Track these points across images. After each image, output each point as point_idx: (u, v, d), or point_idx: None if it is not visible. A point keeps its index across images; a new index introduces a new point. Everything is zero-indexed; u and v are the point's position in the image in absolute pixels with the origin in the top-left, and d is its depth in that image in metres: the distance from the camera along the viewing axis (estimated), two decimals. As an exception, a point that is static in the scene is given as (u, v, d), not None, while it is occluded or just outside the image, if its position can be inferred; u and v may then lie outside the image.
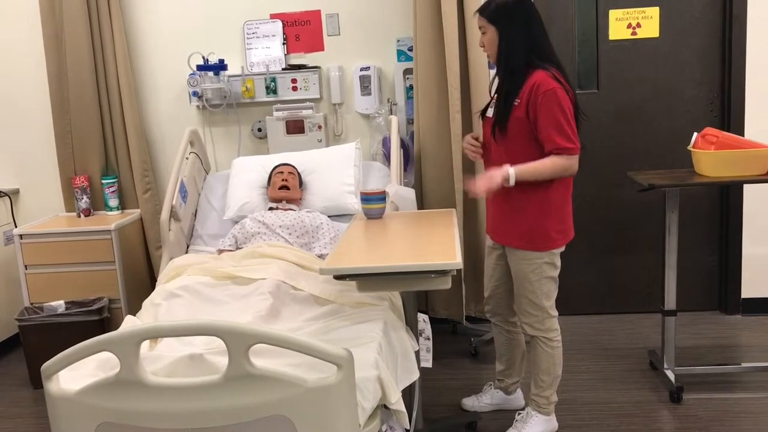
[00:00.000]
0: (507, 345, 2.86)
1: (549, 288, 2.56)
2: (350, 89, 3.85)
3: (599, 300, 4.02)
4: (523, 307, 2.60)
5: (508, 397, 2.93)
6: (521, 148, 2.44)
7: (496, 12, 2.43)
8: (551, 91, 2.34)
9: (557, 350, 2.62)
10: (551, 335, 2.60)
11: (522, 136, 2.43)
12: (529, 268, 2.53)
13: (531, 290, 2.55)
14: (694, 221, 3.89)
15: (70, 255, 3.55)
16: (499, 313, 2.81)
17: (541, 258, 2.52)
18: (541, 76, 2.37)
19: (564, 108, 2.35)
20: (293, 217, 3.12)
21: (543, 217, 2.48)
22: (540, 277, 2.54)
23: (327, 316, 2.39)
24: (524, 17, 2.43)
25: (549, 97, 2.34)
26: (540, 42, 2.45)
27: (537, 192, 2.45)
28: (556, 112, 2.34)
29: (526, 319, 2.60)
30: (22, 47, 3.93)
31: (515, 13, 2.42)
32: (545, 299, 2.56)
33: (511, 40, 2.42)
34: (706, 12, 3.71)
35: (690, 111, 3.79)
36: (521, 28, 2.42)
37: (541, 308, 2.57)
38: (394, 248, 2.26)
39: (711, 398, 2.96)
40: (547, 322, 2.59)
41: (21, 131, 4.03)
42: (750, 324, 3.77)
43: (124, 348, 1.61)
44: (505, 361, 2.88)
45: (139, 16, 3.89)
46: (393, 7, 3.77)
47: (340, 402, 1.65)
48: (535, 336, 2.60)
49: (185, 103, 3.92)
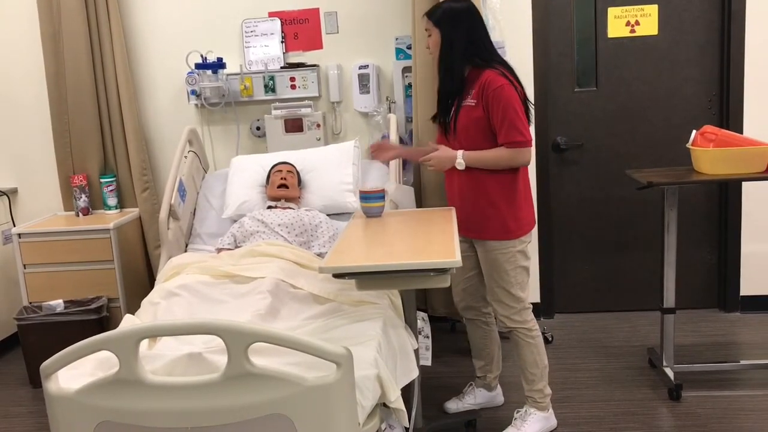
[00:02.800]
0: (484, 339, 2.92)
1: (523, 278, 2.66)
2: (349, 87, 3.84)
3: (598, 298, 4.02)
4: (500, 298, 2.66)
5: (491, 394, 2.98)
6: (484, 146, 2.56)
7: (442, 16, 2.58)
8: (500, 87, 2.48)
9: (538, 339, 2.69)
10: (529, 326, 2.67)
11: (484, 133, 2.56)
12: (503, 258, 2.61)
13: (507, 280, 2.62)
14: (693, 219, 3.89)
15: (69, 254, 3.54)
16: (473, 307, 2.87)
17: (514, 246, 2.62)
18: (489, 75, 2.52)
19: (513, 102, 2.48)
20: (292, 215, 3.12)
21: (513, 206, 2.61)
22: (515, 266, 2.62)
23: (326, 314, 2.38)
24: (467, 23, 2.57)
25: (498, 93, 2.48)
26: (481, 44, 2.59)
27: (505, 183, 2.58)
28: (506, 107, 2.48)
29: (503, 312, 2.66)
30: (20, 46, 3.93)
31: (459, 18, 2.56)
32: (520, 289, 2.65)
33: (452, 42, 2.56)
34: (705, 9, 3.71)
35: (689, 108, 3.80)
36: (463, 32, 2.56)
37: (517, 299, 2.64)
38: (393, 247, 2.26)
39: (710, 396, 2.96)
40: (524, 313, 2.66)
41: (19, 130, 4.03)
42: (749, 321, 3.78)
43: (123, 347, 1.61)
44: (485, 356, 2.93)
45: (137, 15, 3.89)
46: (391, 6, 3.77)
47: (340, 400, 1.65)
48: (514, 328, 2.67)
49: (184, 101, 3.91)
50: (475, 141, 2.57)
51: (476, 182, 2.59)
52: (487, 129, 2.54)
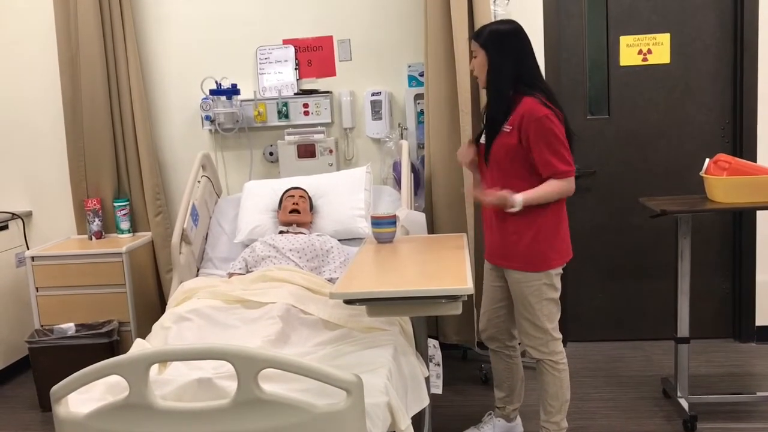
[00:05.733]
0: (507, 371, 2.85)
1: (550, 310, 2.58)
2: (361, 114, 3.87)
3: (612, 326, 3.98)
4: (526, 330, 2.60)
5: (509, 425, 2.91)
6: (514, 172, 2.50)
7: (489, 38, 2.52)
8: (543, 117, 2.41)
9: (564, 373, 2.61)
10: (557, 358, 2.60)
11: (515, 162, 2.49)
12: (528, 291, 2.55)
13: (533, 313, 2.56)
14: (707, 247, 3.86)
15: (81, 277, 3.56)
16: (498, 339, 2.80)
17: (539, 279, 2.54)
18: (530, 103, 2.45)
19: (557, 132, 2.43)
20: (303, 240, 3.12)
21: (538, 238, 2.52)
22: (540, 299, 2.55)
23: (336, 340, 2.37)
24: (515, 46, 2.52)
25: (542, 123, 2.41)
26: (528, 71, 2.53)
27: (530, 214, 2.49)
28: (549, 137, 2.42)
29: (530, 342, 2.61)
30: (37, 71, 3.99)
31: (506, 41, 2.51)
32: (547, 321, 2.58)
33: (500, 66, 2.51)
34: (718, 38, 3.71)
35: (702, 137, 3.79)
36: (510, 56, 2.51)
37: (544, 330, 2.57)
38: (404, 273, 2.25)
39: (725, 428, 2.91)
40: (551, 345, 2.59)
41: (34, 154, 4.07)
42: (764, 352, 3.72)
43: (134, 372, 1.61)
44: (506, 388, 2.86)
45: (153, 41, 3.94)
46: (404, 33, 3.80)
47: (350, 428, 1.64)
48: (541, 360, 2.60)
49: (198, 127, 3.95)
50: (505, 168, 2.51)
51: (505, 212, 2.49)
52: (519, 157, 2.47)
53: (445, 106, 3.47)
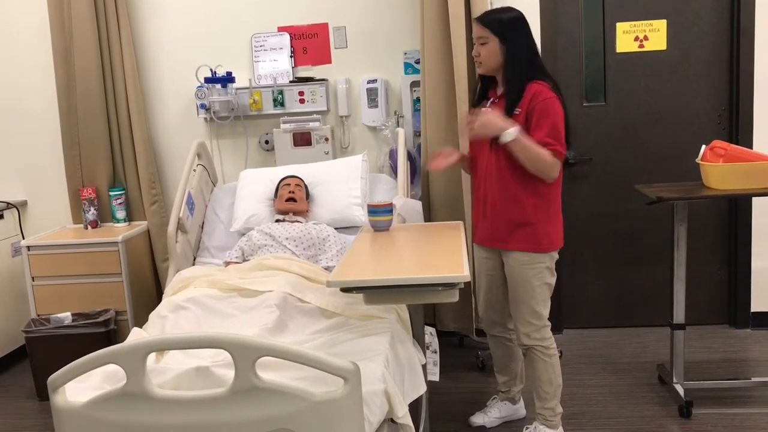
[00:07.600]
0: (507, 357, 2.90)
1: (546, 295, 2.63)
2: (357, 102, 3.86)
3: (607, 313, 4.00)
4: (522, 316, 2.63)
5: (515, 407, 2.97)
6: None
7: (505, 26, 2.52)
8: (551, 99, 2.47)
9: (554, 358, 2.65)
10: (547, 344, 2.64)
11: None
12: (531, 272, 2.58)
13: (532, 296, 2.59)
14: (703, 234, 3.87)
15: (78, 267, 3.55)
16: (499, 323, 2.84)
17: (543, 262, 2.58)
18: (538, 87, 2.49)
19: (558, 116, 2.48)
20: (300, 229, 3.12)
21: (547, 219, 2.57)
22: (541, 282, 2.59)
23: (334, 329, 2.38)
24: (526, 32, 2.55)
25: (548, 103, 2.46)
26: (537, 57, 2.58)
27: (541, 197, 2.54)
28: (553, 117, 2.46)
29: (523, 329, 2.63)
30: (30, 59, 3.96)
31: (521, 28, 2.54)
32: (543, 307, 2.62)
33: (517, 53, 2.52)
34: (714, 24, 3.71)
35: (698, 123, 3.79)
36: (524, 43, 2.53)
37: (539, 316, 2.61)
38: (401, 261, 2.25)
39: (721, 413, 2.93)
40: (543, 331, 2.63)
41: (29, 143, 4.06)
42: (760, 338, 3.74)
43: (131, 360, 1.61)
44: (508, 372, 2.92)
45: (147, 29, 3.92)
46: (400, 20, 3.78)
47: (347, 416, 1.64)
48: (531, 346, 2.64)
49: (193, 115, 3.93)
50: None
51: (511, 194, 2.54)
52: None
53: (441, 94, 3.46)
